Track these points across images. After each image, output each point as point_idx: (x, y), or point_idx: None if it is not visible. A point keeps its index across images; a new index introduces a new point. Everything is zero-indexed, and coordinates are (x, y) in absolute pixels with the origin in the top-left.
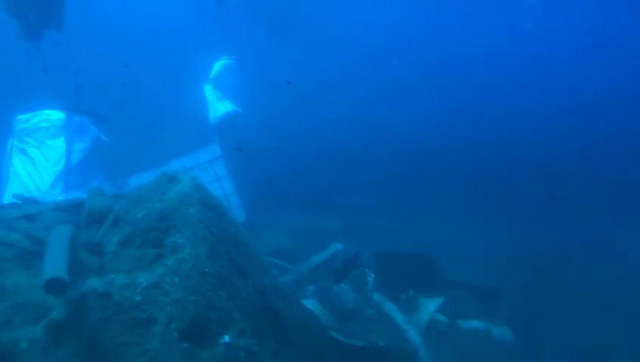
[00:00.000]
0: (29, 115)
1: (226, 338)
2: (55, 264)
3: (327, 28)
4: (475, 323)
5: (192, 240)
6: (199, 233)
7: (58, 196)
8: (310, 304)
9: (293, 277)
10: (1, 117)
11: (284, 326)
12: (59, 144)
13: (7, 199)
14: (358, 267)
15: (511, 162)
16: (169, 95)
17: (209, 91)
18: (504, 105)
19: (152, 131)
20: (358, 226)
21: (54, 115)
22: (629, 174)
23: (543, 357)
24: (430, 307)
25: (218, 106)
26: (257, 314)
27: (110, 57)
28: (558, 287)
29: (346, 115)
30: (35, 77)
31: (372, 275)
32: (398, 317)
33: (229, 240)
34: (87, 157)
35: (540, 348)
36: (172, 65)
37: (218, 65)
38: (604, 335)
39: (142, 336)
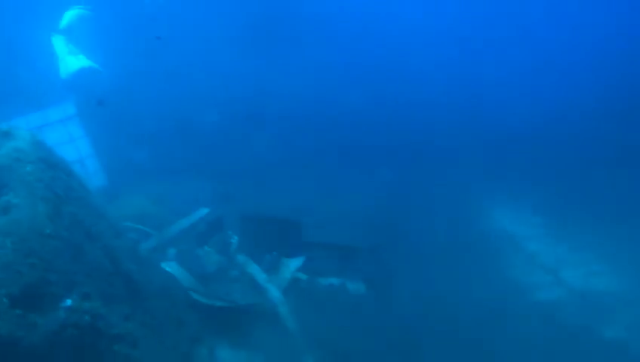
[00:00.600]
0: None
1: (68, 302)
2: None
3: None
4: (333, 280)
5: (29, 199)
6: (38, 192)
7: None
8: (170, 267)
9: (156, 242)
10: None
11: (139, 290)
12: None
13: None
14: (222, 230)
15: (377, 130)
16: (14, 44)
17: (59, 43)
18: (361, 80)
19: None
20: (226, 192)
21: None
22: (485, 149)
23: (392, 307)
24: (292, 266)
25: (70, 61)
26: (107, 278)
27: None
28: (409, 246)
29: (214, 77)
30: None
31: (236, 238)
32: (261, 277)
33: (76, 201)
34: None
35: (390, 300)
36: (18, 10)
37: (69, 14)
38: (446, 286)
39: None
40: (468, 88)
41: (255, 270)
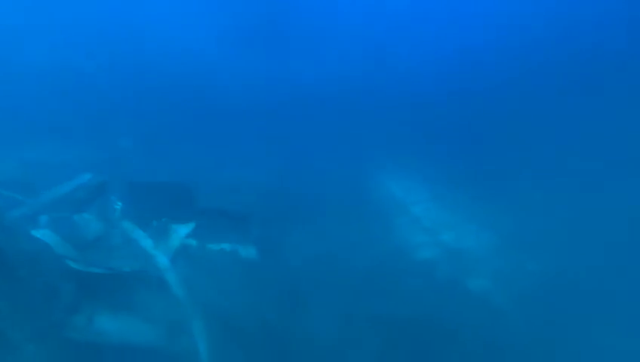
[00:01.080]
0: None
1: None
2: None
3: None
4: (225, 245)
5: None
6: None
7: None
8: (42, 235)
9: (26, 209)
10: None
11: (5, 259)
12: None
13: None
14: (105, 196)
15: (272, 99)
16: None
17: None
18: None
19: None
20: (112, 156)
21: None
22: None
23: (283, 271)
24: (181, 232)
25: None
26: None
27: None
28: (301, 211)
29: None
30: None
31: (120, 204)
32: (147, 244)
33: None
34: None
35: (281, 264)
36: None
37: None
38: (336, 249)
39: None
40: (360, 61)
41: (141, 237)
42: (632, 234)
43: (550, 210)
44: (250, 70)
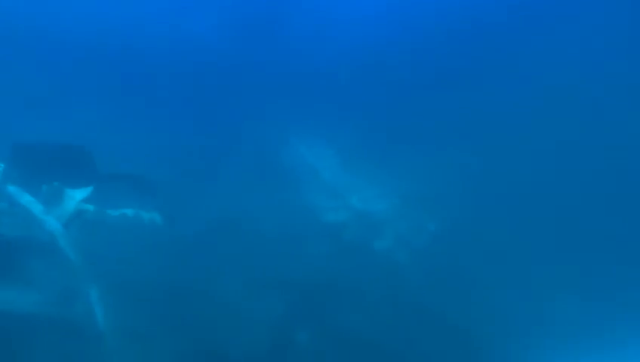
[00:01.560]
0: None
1: None
2: None
3: None
4: (127, 211)
5: None
6: None
7: None
8: None
9: None
10: None
11: None
12: None
13: None
14: None
15: (177, 63)
16: None
17: None
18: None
19: None
20: None
21: None
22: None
23: (188, 235)
24: (76, 197)
25: None
26: None
27: None
28: (208, 176)
29: None
30: None
31: (2, 166)
32: (37, 209)
33: None
34: None
35: (186, 228)
36: None
37: None
38: (244, 213)
39: None
40: (272, 27)
41: (30, 202)
42: (524, 194)
43: (449, 174)
44: (157, 30)
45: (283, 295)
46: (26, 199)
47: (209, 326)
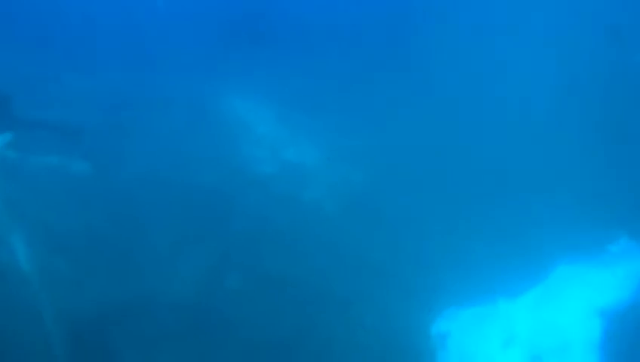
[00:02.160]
0: None
1: None
2: None
3: None
4: (52, 159)
5: None
6: None
7: None
8: None
9: None
10: None
11: None
12: None
13: None
14: None
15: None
16: None
17: None
18: None
19: None
20: None
21: None
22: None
23: (116, 185)
24: None
25: None
26: None
27: None
28: (140, 126)
29: None
30: None
31: None
32: None
33: None
34: None
35: (115, 178)
36: None
37: None
38: (175, 168)
39: None
40: None
41: None
42: (446, 148)
43: (377, 127)
44: None
45: (214, 244)
46: None
47: (137, 273)
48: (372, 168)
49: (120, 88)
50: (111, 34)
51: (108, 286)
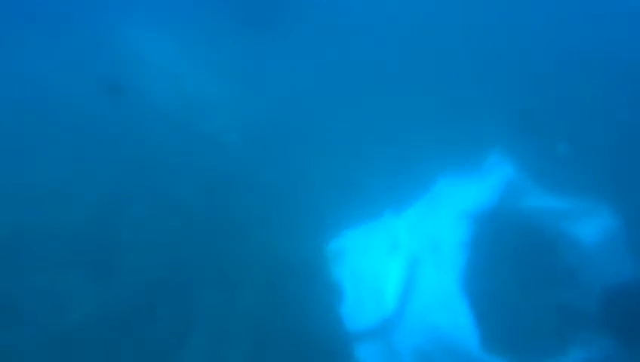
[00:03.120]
0: None
1: None
2: None
3: None
4: None
5: None
6: None
7: None
8: None
9: None
10: None
11: None
12: None
13: None
14: None
15: None
16: None
17: None
18: None
19: None
20: None
21: None
22: None
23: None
24: None
25: None
26: None
27: None
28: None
29: None
30: None
31: None
32: None
33: None
34: None
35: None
36: None
37: None
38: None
39: None
40: None
41: None
42: (332, 77)
43: (278, 60)
44: None
45: (112, 174)
46: None
47: (34, 202)
48: (270, 100)
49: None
50: None
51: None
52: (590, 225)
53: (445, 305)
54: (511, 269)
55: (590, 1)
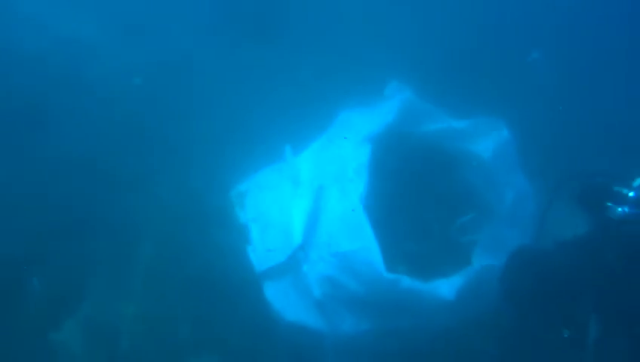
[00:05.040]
0: None
1: None
2: None
3: None
4: None
5: None
6: None
7: None
8: None
9: None
10: None
11: None
12: None
13: None
14: None
15: None
16: None
17: None
18: None
19: None
20: None
21: None
22: None
23: None
24: None
25: None
26: None
27: None
28: None
29: None
30: None
31: None
32: None
33: None
34: None
35: None
36: None
37: None
38: None
39: None
40: None
41: None
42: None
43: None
44: None
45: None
46: None
47: None
48: (161, 44)
49: None
50: None
51: None
52: (488, 142)
53: (350, 231)
54: (412, 190)
55: None
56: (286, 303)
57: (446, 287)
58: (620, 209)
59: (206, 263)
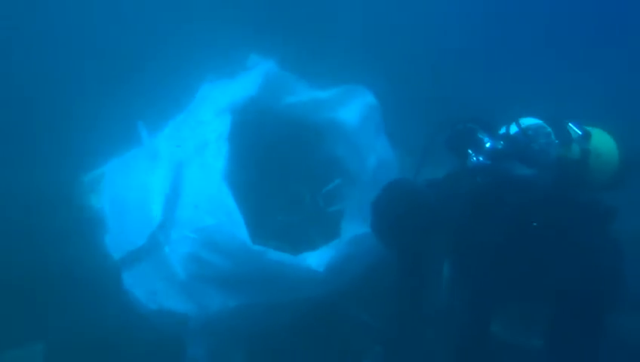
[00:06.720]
0: None
1: None
2: None
3: None
4: None
5: None
6: None
7: None
8: None
9: None
10: None
11: None
12: None
13: None
14: None
15: None
16: None
17: None
18: None
19: None
20: None
21: None
22: None
23: None
24: None
25: None
26: None
27: None
28: None
29: None
30: None
31: None
32: None
33: None
34: None
35: None
36: None
37: None
38: None
39: None
40: None
41: None
42: None
43: None
44: None
45: None
46: None
47: None
48: None
49: None
50: None
51: None
52: (351, 109)
53: (212, 204)
54: (277, 161)
55: None
56: (148, 290)
57: (315, 258)
58: (474, 158)
59: (57, 259)
